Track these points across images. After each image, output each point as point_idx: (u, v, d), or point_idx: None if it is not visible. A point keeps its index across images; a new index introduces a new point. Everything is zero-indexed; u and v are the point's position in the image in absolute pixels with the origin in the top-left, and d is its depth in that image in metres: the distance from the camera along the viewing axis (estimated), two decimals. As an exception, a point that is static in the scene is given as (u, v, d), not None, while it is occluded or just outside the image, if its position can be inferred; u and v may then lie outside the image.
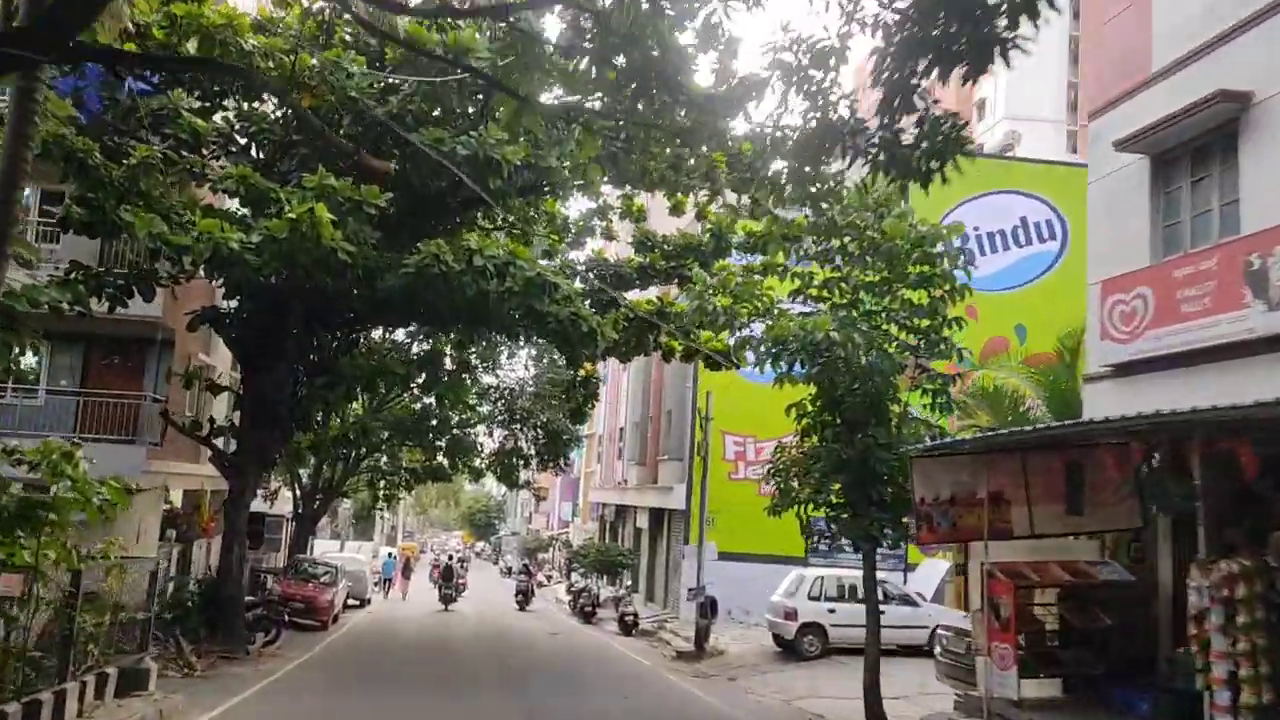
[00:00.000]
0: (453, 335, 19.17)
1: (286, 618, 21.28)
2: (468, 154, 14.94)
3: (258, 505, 31.44)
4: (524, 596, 32.92)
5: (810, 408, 13.14)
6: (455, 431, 30.01)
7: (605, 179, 18.47)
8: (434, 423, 29.84)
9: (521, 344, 27.26)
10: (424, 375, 17.29)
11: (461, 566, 36.87)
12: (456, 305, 16.35)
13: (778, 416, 29.87)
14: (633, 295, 20.94)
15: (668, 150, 18.23)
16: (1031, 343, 25.68)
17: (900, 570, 23.03)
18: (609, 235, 21.31)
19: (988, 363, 17.37)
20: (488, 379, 30.14)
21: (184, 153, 14.68)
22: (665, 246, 19.46)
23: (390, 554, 47.77)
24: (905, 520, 12.25)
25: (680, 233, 19.83)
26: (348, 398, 17.86)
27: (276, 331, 16.58)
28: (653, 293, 22.70)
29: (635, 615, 27.09)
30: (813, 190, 9.39)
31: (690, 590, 21.48)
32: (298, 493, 29.48)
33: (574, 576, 46.63)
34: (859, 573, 20.04)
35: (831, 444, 12.40)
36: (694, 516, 30.03)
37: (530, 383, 29.60)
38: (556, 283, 15.12)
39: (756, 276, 17.04)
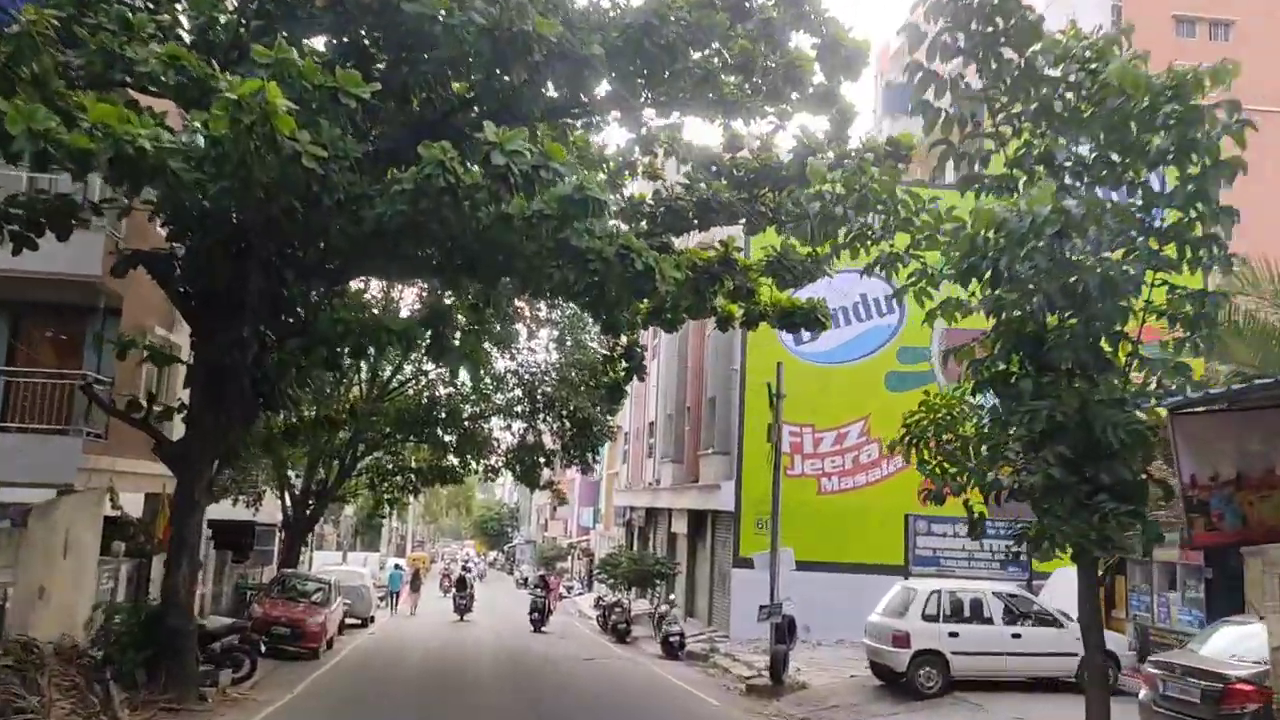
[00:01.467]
0: (464, 293, 15.14)
1: (263, 648, 17.29)
2: (485, 26, 10.99)
3: (233, 512, 27.53)
4: (540, 615, 28.28)
5: (990, 349, 9.07)
6: (467, 424, 26.04)
7: (647, 97, 14.53)
8: (443, 415, 25.90)
9: (547, 307, 23.38)
10: (429, 336, 13.22)
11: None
12: (467, 248, 12.41)
13: (841, 400, 25.77)
14: (677, 247, 16.92)
15: (739, 45, 14.34)
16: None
17: (1024, 579, 18.92)
18: (652, 174, 17.30)
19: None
20: (504, 363, 26.15)
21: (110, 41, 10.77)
22: (735, 172, 15.43)
23: (397, 565, 44.03)
24: (1149, 513, 8.14)
25: (753, 155, 15.80)
26: (329, 365, 13.79)
27: (234, 281, 12.61)
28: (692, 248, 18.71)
29: (682, 636, 23.07)
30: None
31: (763, 608, 17.49)
32: (287, 498, 25.54)
33: (600, 588, 42.68)
34: (988, 585, 15.97)
35: (1030, 401, 8.30)
36: (745, 518, 26.01)
37: (553, 367, 25.58)
38: (603, 200, 11.12)
39: (899, 166, 12.88)
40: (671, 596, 25.33)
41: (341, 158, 10.75)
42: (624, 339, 16.78)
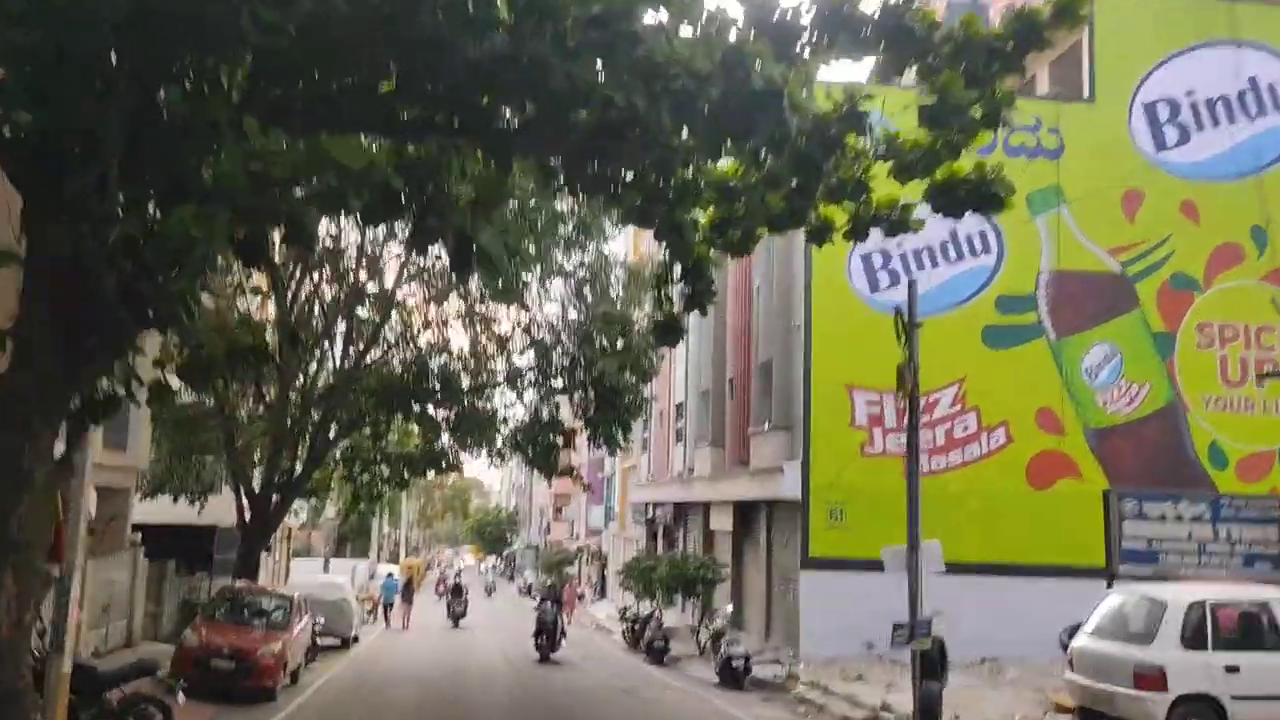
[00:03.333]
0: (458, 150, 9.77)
1: (182, 694, 12.13)
2: None
3: (180, 513, 22.41)
4: (548, 639, 21.88)
5: None
6: (466, 398, 20.92)
7: None
8: (436, 387, 20.78)
9: (571, 194, 18.41)
10: (426, 201, 7.94)
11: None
12: (465, 65, 7.22)
13: (928, 360, 20.46)
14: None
15: None
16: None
17: None
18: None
19: None
20: (507, 322, 21.06)
21: None
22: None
23: (390, 574, 38.96)
24: None
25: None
26: (248, 249, 8.30)
27: (89, 119, 7.40)
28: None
29: (747, 659, 17.95)
30: None
31: (899, 629, 12.51)
32: (242, 493, 20.40)
33: (617, 596, 37.63)
34: (1275, 593, 10.63)
35: None
36: (815, 508, 20.88)
37: (572, 325, 20.42)
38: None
39: None
40: (728, 608, 20.29)
41: None
42: (680, 245, 11.52)
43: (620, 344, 20.23)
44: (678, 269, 12.42)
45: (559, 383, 20.57)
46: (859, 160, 10.95)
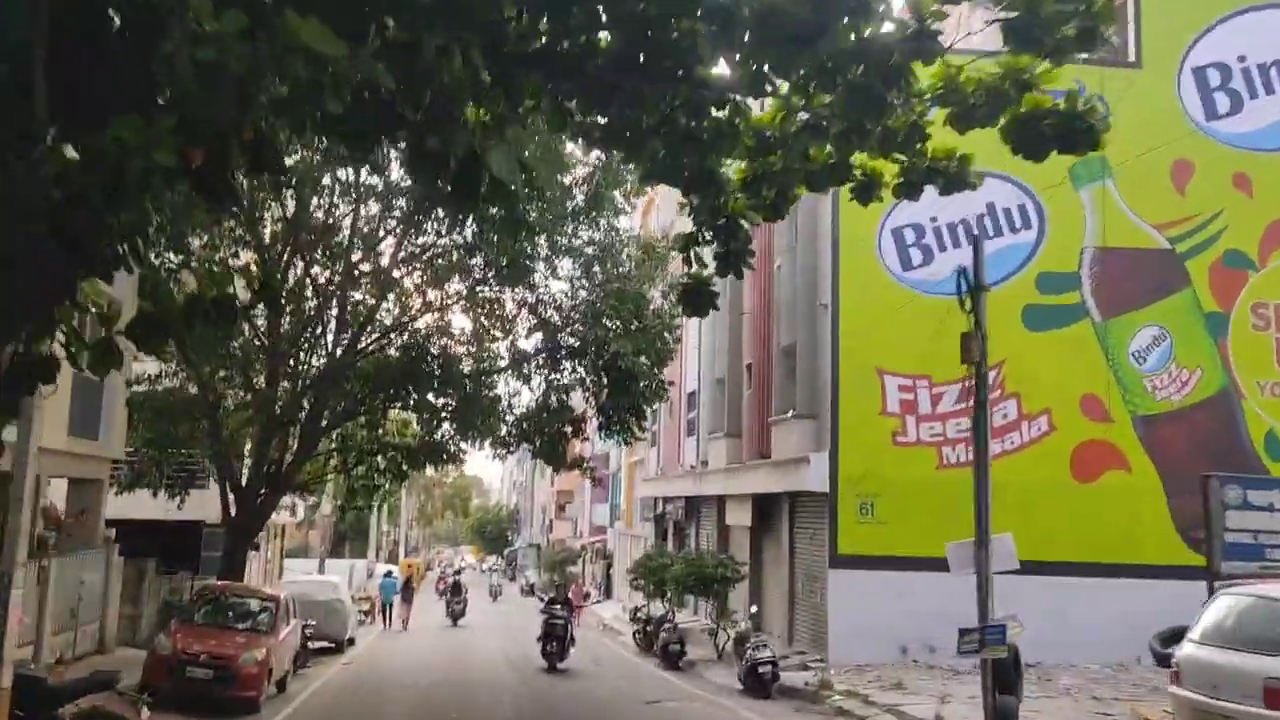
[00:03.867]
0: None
1: (146, 712, 10.68)
2: None
3: (166, 509, 20.96)
4: (558, 645, 19.90)
5: None
6: (467, 382, 19.44)
7: None
8: (436, 370, 19.32)
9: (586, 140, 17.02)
10: (426, 114, 6.46)
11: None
12: None
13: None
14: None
15: None
16: None
17: None
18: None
19: None
20: (512, 300, 19.57)
21: None
22: None
23: (389, 573, 37.58)
24: None
25: None
26: (206, 185, 6.89)
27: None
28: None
29: (775, 664, 16.46)
30: None
31: (966, 634, 11.04)
32: (227, 486, 18.92)
33: (624, 596, 36.22)
34: None
35: None
36: (844, 501, 19.42)
37: (582, 304, 18.92)
38: None
39: None
40: (752, 609, 18.81)
41: None
42: (713, 197, 10.00)
43: (635, 325, 18.81)
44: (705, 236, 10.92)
45: (568, 367, 19.10)
46: (914, 102, 9.44)
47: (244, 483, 19.30)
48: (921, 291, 19.89)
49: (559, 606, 20.75)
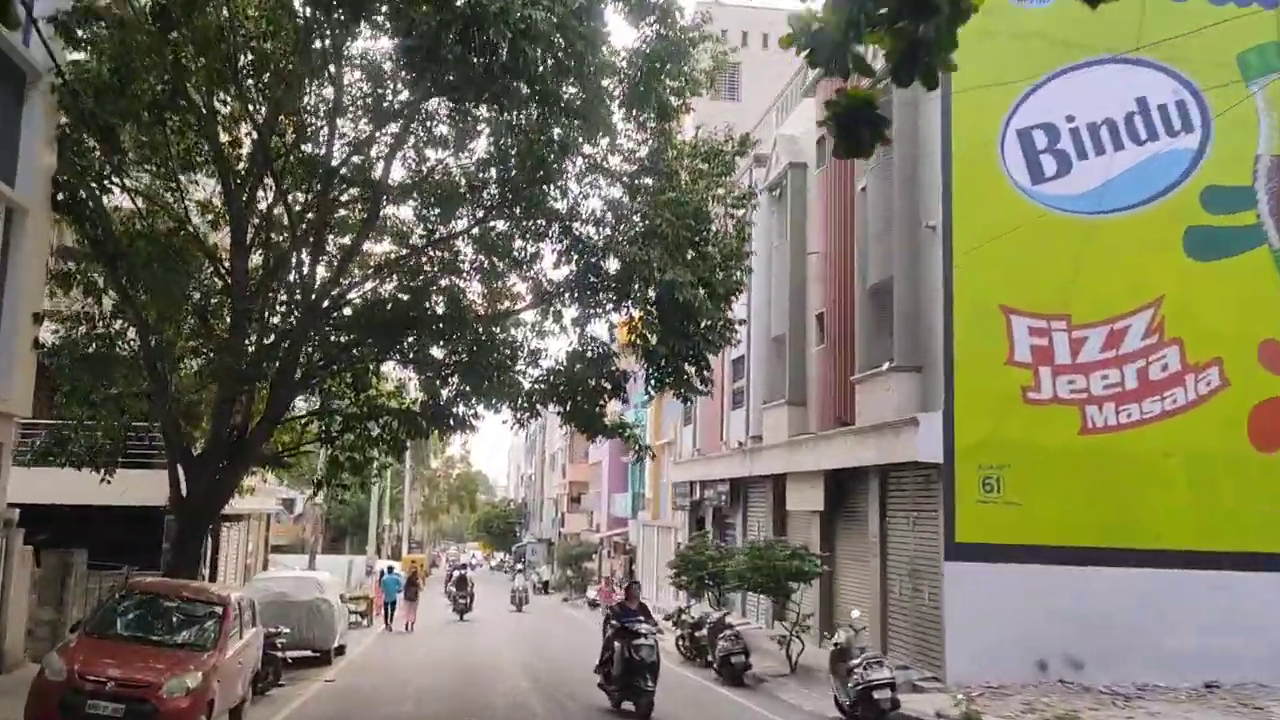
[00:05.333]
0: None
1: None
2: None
3: (117, 491, 16.80)
4: (651, 678, 13.13)
5: None
6: (480, 326, 15.25)
7: None
8: (439, 312, 15.15)
9: None
10: None
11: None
12: None
13: (1112, 276, 13.15)
14: None
15: None
16: None
17: None
18: None
19: None
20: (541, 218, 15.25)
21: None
22: None
23: (389, 569, 33.66)
24: None
25: None
26: None
27: None
28: None
29: (893, 688, 12.23)
30: None
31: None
32: (176, 461, 14.74)
33: (662, 596, 32.24)
34: None
35: None
36: (963, 476, 15.26)
37: (632, 206, 14.52)
38: None
39: None
40: (855, 614, 14.48)
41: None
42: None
43: (695, 247, 14.59)
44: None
45: (609, 302, 14.86)
46: None
47: (198, 453, 15.14)
48: (1056, 209, 15.69)
49: (641, 619, 13.78)
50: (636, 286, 14.17)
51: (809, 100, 21.29)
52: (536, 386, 16.10)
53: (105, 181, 13.69)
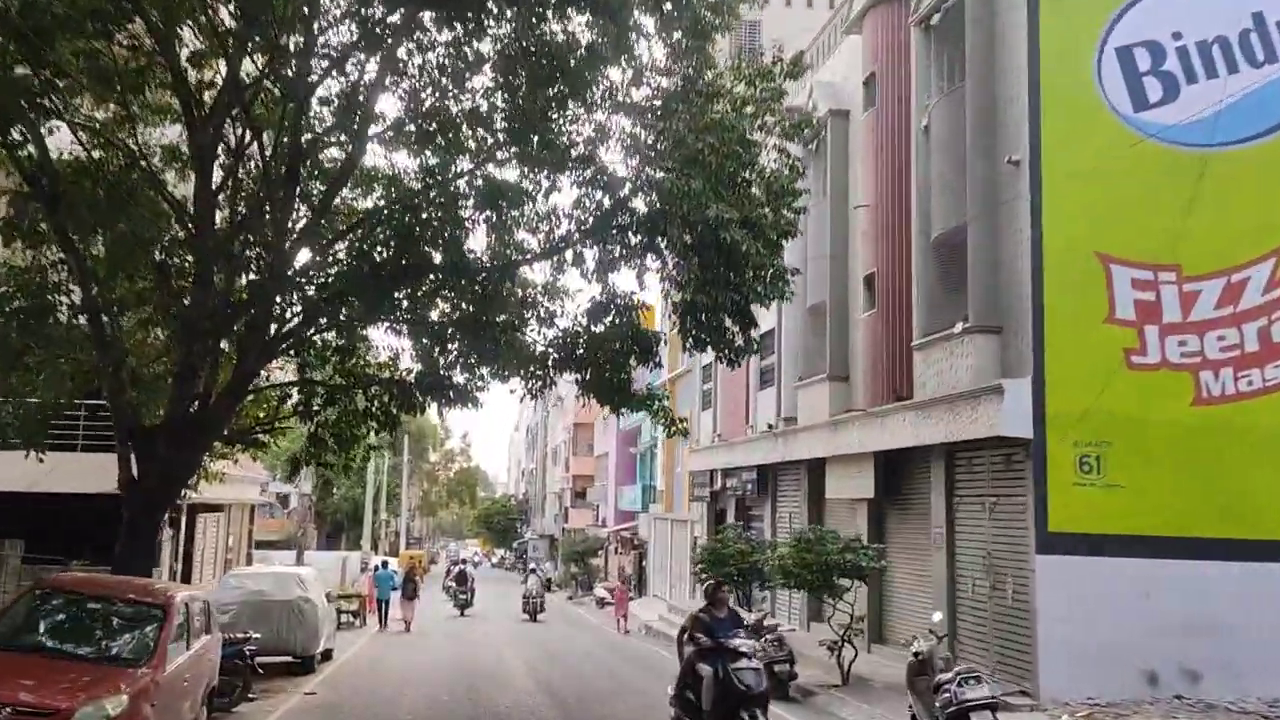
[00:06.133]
0: None
1: None
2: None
3: (71, 475, 14.61)
4: (760, 712, 9.92)
5: None
6: (483, 279, 12.92)
7: None
8: (437, 262, 12.81)
9: None
10: None
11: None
12: None
13: (1229, 218, 11.46)
14: None
15: None
16: None
17: None
18: None
19: None
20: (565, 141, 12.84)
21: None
22: None
23: (383, 564, 31.44)
24: None
25: None
26: None
27: None
28: None
29: (994, 709, 9.91)
30: None
31: None
32: (125, 436, 12.43)
33: (677, 593, 30.17)
34: None
35: None
36: (1055, 452, 12.94)
37: (668, 129, 12.01)
38: None
39: None
40: (937, 616, 12.16)
41: None
42: None
43: (739, 183, 12.28)
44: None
45: (638, 244, 12.50)
46: None
47: (151, 426, 12.84)
48: (1163, 141, 13.33)
49: (739, 632, 10.49)
50: (673, 227, 11.81)
51: (852, 38, 18.92)
52: (550, 351, 13.79)
53: (41, 106, 11.42)
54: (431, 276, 13.25)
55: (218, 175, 13.57)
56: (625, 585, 31.61)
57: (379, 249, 13.00)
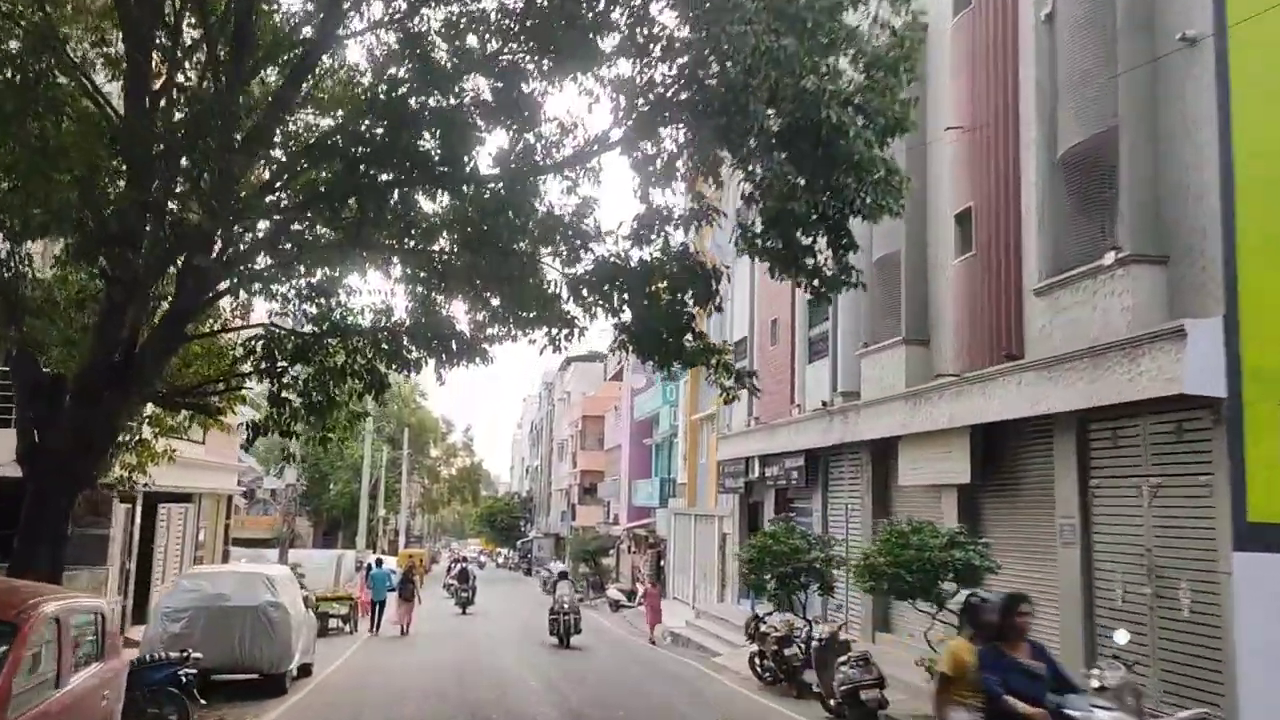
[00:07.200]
0: None
1: None
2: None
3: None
4: None
5: None
6: (494, 185, 9.85)
7: None
8: (435, 151, 9.71)
9: None
10: None
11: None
12: None
13: None
14: None
15: None
16: None
17: None
18: None
19: None
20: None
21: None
22: None
23: (377, 562, 28.58)
24: None
25: None
26: None
27: None
28: None
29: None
30: None
31: None
32: (27, 395, 9.39)
33: (700, 597, 27.26)
34: None
35: None
36: (1255, 415, 9.74)
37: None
38: None
39: None
40: (1123, 637, 9.11)
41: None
42: None
43: (831, 51, 9.19)
44: None
45: (692, 134, 9.39)
46: None
47: (56, 377, 9.81)
48: (1386, 11, 10.13)
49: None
50: (759, 103, 8.63)
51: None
52: (580, 289, 10.70)
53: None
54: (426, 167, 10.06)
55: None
56: (656, 587, 28.43)
57: (359, 146, 9.87)
